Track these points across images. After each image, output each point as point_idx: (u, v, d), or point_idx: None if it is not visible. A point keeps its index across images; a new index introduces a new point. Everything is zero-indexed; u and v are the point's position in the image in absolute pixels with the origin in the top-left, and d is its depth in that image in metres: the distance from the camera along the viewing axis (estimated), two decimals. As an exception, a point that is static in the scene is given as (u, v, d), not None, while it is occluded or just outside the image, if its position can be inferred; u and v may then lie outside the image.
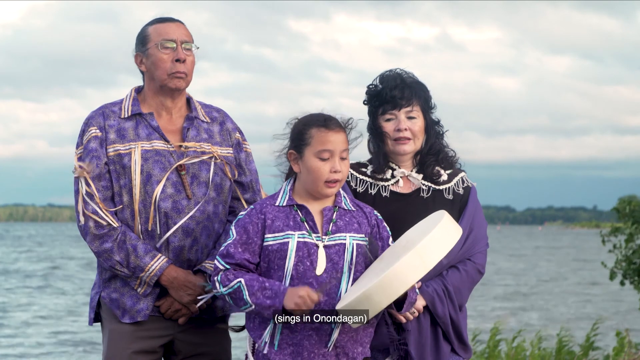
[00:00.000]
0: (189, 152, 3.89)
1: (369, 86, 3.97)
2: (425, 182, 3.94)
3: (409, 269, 3.29)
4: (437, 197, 3.93)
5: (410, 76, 3.94)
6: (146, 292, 3.83)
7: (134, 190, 3.81)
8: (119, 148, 3.84)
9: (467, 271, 3.86)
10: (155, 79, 3.88)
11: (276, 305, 3.39)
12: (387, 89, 3.89)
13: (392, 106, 3.88)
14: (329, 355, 3.47)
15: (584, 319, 19.81)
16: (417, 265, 3.29)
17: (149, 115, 3.90)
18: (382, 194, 3.91)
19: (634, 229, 11.23)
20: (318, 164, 3.51)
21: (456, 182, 3.98)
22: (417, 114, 3.90)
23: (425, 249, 3.31)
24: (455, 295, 3.84)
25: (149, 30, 3.90)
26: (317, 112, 3.60)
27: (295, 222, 3.52)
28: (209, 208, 3.89)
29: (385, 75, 3.95)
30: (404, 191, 3.94)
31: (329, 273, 3.48)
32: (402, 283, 3.29)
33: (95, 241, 3.80)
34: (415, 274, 3.30)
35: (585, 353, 10.27)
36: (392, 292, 3.29)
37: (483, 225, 3.97)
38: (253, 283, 3.44)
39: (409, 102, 3.88)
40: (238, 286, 3.45)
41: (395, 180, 3.94)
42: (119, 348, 3.84)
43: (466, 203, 3.95)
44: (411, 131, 3.88)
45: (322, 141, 3.52)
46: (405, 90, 3.88)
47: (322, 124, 3.54)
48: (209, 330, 3.93)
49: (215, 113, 4.04)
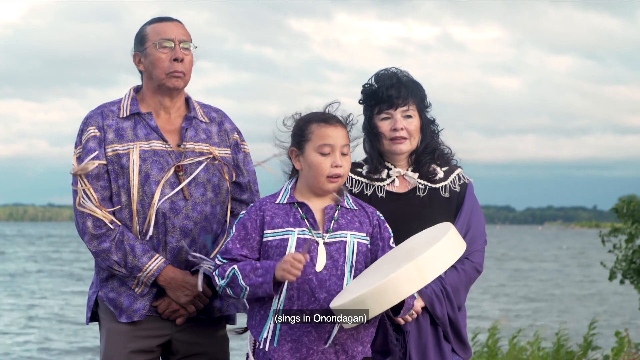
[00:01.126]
0: (187, 153, 3.88)
1: (364, 85, 3.95)
2: (422, 181, 3.92)
3: (405, 281, 3.24)
4: (433, 196, 3.91)
5: (406, 75, 3.93)
6: (143, 292, 3.83)
7: (132, 191, 3.81)
8: (117, 148, 3.84)
9: (465, 270, 3.84)
10: (154, 78, 3.88)
11: (268, 280, 3.39)
12: (383, 88, 3.88)
13: (388, 105, 3.86)
14: (328, 352, 3.47)
15: (584, 319, 19.80)
16: (414, 278, 3.25)
17: (147, 115, 3.89)
18: (378, 194, 3.90)
19: (634, 228, 11.22)
20: (319, 158, 3.52)
21: (452, 179, 3.96)
22: (413, 113, 3.88)
23: (425, 264, 3.26)
24: (454, 295, 3.82)
25: (147, 29, 3.90)
26: (318, 110, 3.60)
27: (296, 219, 3.53)
28: (207, 209, 3.88)
29: (380, 75, 3.93)
30: (400, 191, 3.92)
31: (329, 270, 3.48)
32: (397, 294, 3.26)
33: (93, 241, 3.80)
34: (411, 287, 3.26)
35: (584, 353, 10.27)
36: (386, 302, 3.26)
37: (481, 223, 3.94)
38: (245, 267, 3.46)
39: (405, 102, 3.87)
40: (233, 273, 3.47)
41: (391, 180, 3.92)
42: (117, 347, 3.84)
43: (463, 200, 3.93)
44: (407, 130, 3.87)
45: (322, 136, 3.52)
46: (401, 90, 3.87)
47: (322, 119, 3.55)
48: (206, 330, 3.93)
49: (213, 113, 4.03)
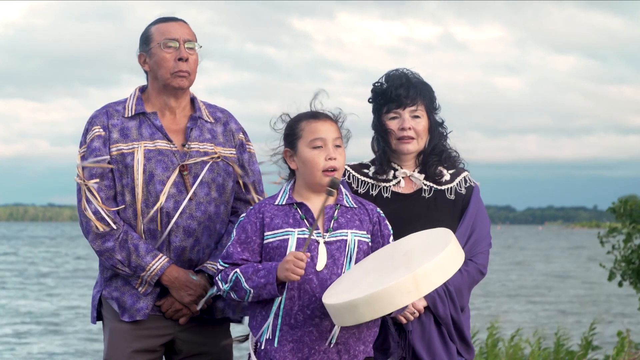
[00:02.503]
0: (191, 152, 3.89)
1: (374, 84, 3.96)
2: (427, 182, 3.93)
3: (401, 293, 3.21)
4: (439, 197, 3.92)
5: (416, 76, 3.94)
6: (147, 291, 3.83)
7: (137, 190, 3.81)
8: (122, 147, 3.85)
9: (468, 272, 3.85)
10: (159, 78, 3.88)
11: (271, 281, 3.41)
12: (392, 88, 3.89)
13: (396, 105, 3.88)
14: (330, 351, 3.47)
15: (584, 319, 19.81)
16: (410, 291, 3.21)
17: (152, 115, 3.90)
18: (384, 194, 3.90)
19: (632, 228, 11.21)
20: (312, 153, 3.54)
21: (459, 182, 3.97)
22: (421, 114, 3.89)
23: (423, 278, 3.22)
24: (457, 295, 3.83)
25: (152, 29, 3.91)
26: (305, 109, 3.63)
27: (295, 219, 3.54)
28: (211, 208, 3.89)
29: (391, 74, 3.95)
30: (405, 191, 3.93)
31: (330, 269, 3.49)
32: (391, 304, 3.22)
33: (97, 240, 3.81)
34: (406, 299, 3.23)
35: (584, 353, 10.28)
36: (379, 310, 3.23)
37: (485, 225, 3.95)
38: (247, 269, 3.48)
39: (414, 102, 3.88)
40: (235, 277, 3.49)
41: (397, 181, 3.93)
42: (120, 346, 3.85)
43: (468, 203, 3.94)
44: (415, 130, 3.88)
45: (312, 131, 3.55)
46: (410, 90, 3.88)
47: (310, 115, 3.59)
48: (209, 329, 3.93)
49: (219, 113, 4.04)
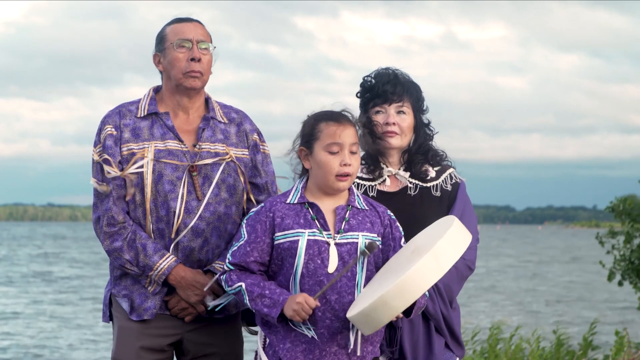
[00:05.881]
0: (202, 153, 3.90)
1: (363, 78, 4.03)
2: (413, 180, 3.96)
3: (426, 272, 3.26)
4: (424, 195, 3.95)
5: (405, 76, 4.00)
6: (155, 290, 3.85)
7: (146, 190, 3.83)
8: (132, 147, 3.86)
9: (457, 268, 3.84)
10: (172, 78, 3.90)
11: (273, 315, 3.41)
12: (379, 84, 3.95)
13: (382, 100, 3.93)
14: (340, 353, 3.48)
15: (583, 319, 19.83)
16: (434, 268, 3.27)
17: (164, 115, 3.92)
18: (369, 193, 3.93)
19: (631, 227, 11.23)
20: (327, 157, 3.53)
21: (444, 178, 3.99)
22: (407, 111, 3.94)
23: (441, 252, 3.29)
24: (445, 291, 3.86)
25: (166, 30, 3.94)
26: (327, 109, 3.62)
27: (306, 220, 3.53)
28: (220, 209, 3.89)
29: (380, 72, 4.01)
30: (391, 190, 3.96)
31: (340, 271, 3.47)
32: (419, 286, 3.26)
33: (106, 239, 3.83)
34: (433, 277, 3.28)
35: (584, 352, 10.30)
36: (410, 296, 3.27)
37: (472, 221, 3.95)
38: (254, 289, 3.47)
39: (400, 98, 3.93)
40: (239, 290, 3.50)
41: (382, 180, 3.96)
42: (127, 345, 3.86)
43: (455, 199, 3.96)
44: (399, 126, 3.92)
45: (330, 134, 3.54)
46: (397, 86, 3.94)
47: (330, 118, 3.57)
48: (218, 330, 3.93)
49: (234, 114, 4.05)
